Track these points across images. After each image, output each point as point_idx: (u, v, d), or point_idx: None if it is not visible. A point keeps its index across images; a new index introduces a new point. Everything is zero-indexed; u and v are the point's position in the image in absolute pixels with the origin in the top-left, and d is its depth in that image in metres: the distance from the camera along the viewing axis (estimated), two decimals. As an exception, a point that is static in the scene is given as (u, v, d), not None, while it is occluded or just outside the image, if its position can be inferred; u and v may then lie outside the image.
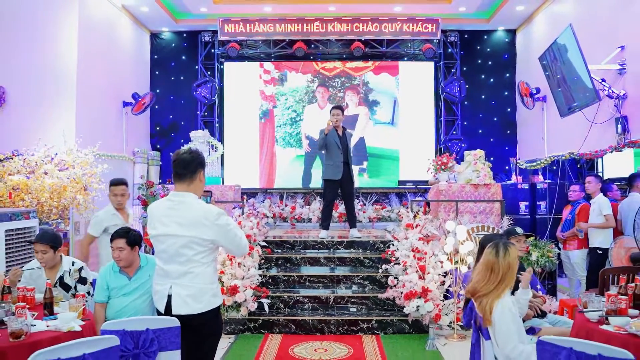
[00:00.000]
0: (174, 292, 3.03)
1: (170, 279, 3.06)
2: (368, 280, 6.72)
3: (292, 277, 6.77)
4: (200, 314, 3.03)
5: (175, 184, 3.17)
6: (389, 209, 10.52)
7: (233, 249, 3.20)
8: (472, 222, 7.45)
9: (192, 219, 3.03)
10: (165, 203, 3.17)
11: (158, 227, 3.11)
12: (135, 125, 10.44)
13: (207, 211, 3.06)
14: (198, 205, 3.10)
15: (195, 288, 3.03)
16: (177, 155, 3.19)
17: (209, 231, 3.02)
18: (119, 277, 3.96)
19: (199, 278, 3.05)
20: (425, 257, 6.26)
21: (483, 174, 7.53)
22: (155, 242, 3.15)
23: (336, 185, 7.45)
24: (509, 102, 11.29)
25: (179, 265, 3.04)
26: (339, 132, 7.33)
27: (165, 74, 11.46)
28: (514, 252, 3.22)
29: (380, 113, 11.39)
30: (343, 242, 7.44)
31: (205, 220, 3.02)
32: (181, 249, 3.03)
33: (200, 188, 3.22)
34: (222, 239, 3.09)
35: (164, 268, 3.10)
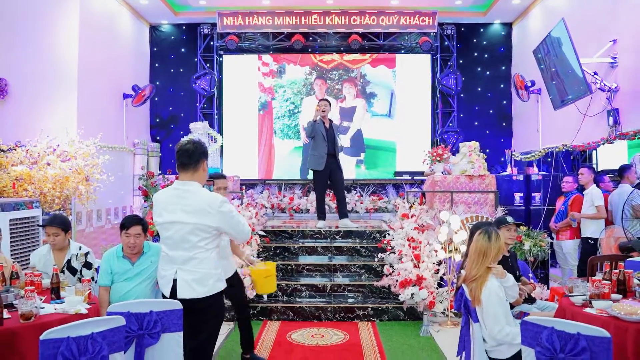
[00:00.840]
0: (179, 277, 3.15)
1: (175, 264, 3.18)
2: (364, 268, 6.86)
3: (290, 265, 6.91)
4: (204, 297, 3.16)
5: (180, 173, 3.29)
6: (385, 200, 10.65)
7: (236, 235, 3.32)
8: (467, 212, 7.58)
9: (197, 206, 3.15)
10: (171, 191, 3.29)
11: (164, 214, 3.24)
12: (135, 117, 10.53)
13: (211, 199, 3.17)
14: (202, 193, 3.22)
15: (200, 273, 3.16)
16: (180, 145, 3.32)
17: (213, 218, 3.14)
18: (123, 262, 4.07)
19: (204, 263, 3.17)
20: (420, 246, 6.39)
21: (478, 165, 7.65)
22: (161, 229, 3.28)
23: (323, 175, 7.69)
24: (505, 95, 11.39)
25: (184, 251, 3.17)
26: (325, 124, 7.60)
27: (164, 66, 11.54)
28: (502, 238, 3.37)
29: (377, 105, 11.49)
30: (340, 231, 7.57)
31: (210, 207, 3.14)
32: (186, 236, 3.15)
33: (204, 177, 3.33)
34: (226, 225, 3.20)
35: (169, 254, 3.22)
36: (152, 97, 11.14)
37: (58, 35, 8.10)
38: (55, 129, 7.61)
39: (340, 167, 7.83)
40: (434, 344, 5.38)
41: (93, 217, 8.42)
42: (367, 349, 5.21)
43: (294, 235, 7.60)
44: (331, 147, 7.59)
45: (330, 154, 7.60)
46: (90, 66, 8.52)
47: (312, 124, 7.55)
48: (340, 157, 8.08)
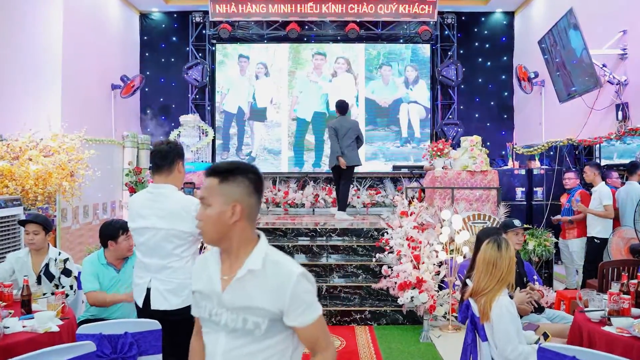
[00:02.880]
0: (152, 287, 2.97)
1: (150, 272, 3.00)
2: (361, 269, 6.59)
3: (284, 266, 6.62)
4: (179, 309, 2.95)
5: (154, 176, 3.10)
6: (383, 194, 10.35)
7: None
8: (468, 209, 7.31)
9: (171, 210, 2.96)
10: (144, 195, 3.11)
11: (137, 219, 3.05)
12: (125, 109, 10.20)
13: (186, 202, 2.98)
14: (177, 196, 3.04)
15: (175, 283, 2.96)
16: (155, 146, 3.13)
17: (188, 223, 2.91)
18: (108, 270, 3.86)
19: (179, 272, 2.97)
20: (419, 247, 6.12)
21: (480, 161, 7.37)
22: (135, 234, 3.10)
23: (336, 170, 8.05)
24: (506, 86, 11.10)
25: (159, 259, 2.97)
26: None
27: (155, 56, 11.20)
28: (512, 248, 3.10)
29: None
30: (336, 229, 7.30)
31: (184, 212, 2.93)
32: (160, 242, 2.96)
33: (180, 179, 3.15)
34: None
35: (143, 261, 3.04)
36: (142, 88, 10.82)
37: (41, 24, 7.73)
38: (38, 122, 7.27)
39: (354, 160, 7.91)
40: (434, 352, 5.12)
41: (79, 213, 8.10)
42: (365, 358, 4.95)
43: (288, 233, 7.32)
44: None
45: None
46: (76, 56, 8.17)
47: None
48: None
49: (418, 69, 11.05)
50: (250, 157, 11.05)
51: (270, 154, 11.09)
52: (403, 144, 11.02)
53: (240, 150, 11.07)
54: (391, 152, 11.02)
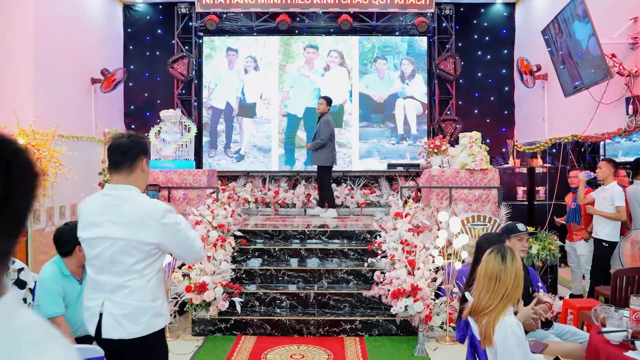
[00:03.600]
0: (105, 311, 2.48)
1: (103, 292, 2.51)
2: (352, 274, 6.17)
3: (269, 271, 6.20)
4: (137, 339, 2.48)
5: (112, 175, 2.63)
6: (378, 194, 9.96)
7: (184, 255, 2.68)
8: (467, 210, 6.90)
9: (132, 217, 2.50)
10: (99, 198, 2.63)
11: (90, 228, 2.57)
12: (107, 104, 9.74)
13: (150, 208, 2.53)
14: (139, 200, 2.57)
15: (132, 306, 2.49)
16: (113, 140, 2.65)
17: (152, 232, 2.48)
18: (72, 283, 3.45)
19: (137, 294, 2.50)
20: (415, 251, 5.70)
21: (479, 159, 6.96)
22: (85, 246, 2.60)
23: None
24: (507, 81, 10.67)
25: (114, 276, 2.50)
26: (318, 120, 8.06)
27: (139, 49, 10.74)
28: (519, 259, 2.67)
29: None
30: (327, 232, 6.88)
31: (148, 218, 2.49)
32: (117, 256, 2.48)
33: (143, 180, 2.69)
34: (170, 241, 2.55)
35: (95, 279, 2.55)
36: (126, 83, 10.39)
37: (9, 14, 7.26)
38: (7, 117, 6.82)
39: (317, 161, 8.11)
40: (430, 368, 4.70)
41: (55, 214, 7.66)
42: (353, 375, 4.53)
43: (275, 235, 6.89)
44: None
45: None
46: (50, 48, 7.70)
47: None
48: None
49: (414, 63, 10.62)
50: (239, 155, 10.61)
51: (260, 151, 10.65)
52: (399, 141, 10.59)
53: (229, 148, 10.63)
54: (386, 149, 10.59)
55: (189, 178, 7.14)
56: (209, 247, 5.91)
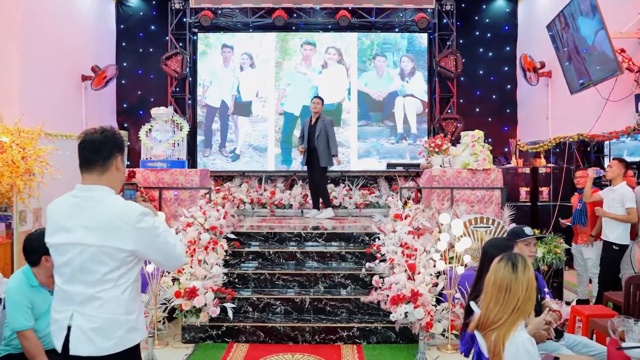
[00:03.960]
0: (74, 324, 2.25)
1: (72, 304, 2.28)
2: (350, 279, 5.93)
3: (263, 275, 5.96)
4: (108, 356, 2.26)
5: (83, 175, 2.38)
6: (377, 195, 9.73)
7: (163, 262, 2.45)
8: (469, 212, 6.67)
9: (106, 221, 2.27)
10: (68, 200, 2.38)
11: (58, 233, 2.33)
12: (98, 102, 9.50)
13: (125, 210, 2.30)
14: (113, 202, 2.34)
15: (103, 319, 2.26)
16: (85, 135, 2.40)
17: (127, 238, 2.27)
18: (41, 294, 3.23)
19: (110, 306, 2.27)
20: (415, 254, 5.46)
21: (482, 158, 6.73)
22: (54, 253, 2.36)
23: (309, 170, 8.14)
24: (509, 79, 10.44)
25: (85, 286, 2.27)
26: (312, 120, 7.95)
27: (132, 46, 10.50)
28: (531, 268, 2.43)
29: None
30: (323, 234, 6.63)
31: (123, 222, 2.27)
32: (89, 264, 2.26)
33: (118, 180, 2.46)
34: (147, 248, 2.33)
35: (64, 289, 2.31)
36: (118, 80, 10.17)
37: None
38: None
39: (319, 161, 7.89)
40: (431, 378, 4.46)
41: (42, 215, 7.41)
42: (350, 386, 4.30)
43: (270, 238, 6.65)
44: (312, 143, 7.87)
45: (311, 148, 7.90)
46: (38, 43, 7.45)
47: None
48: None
49: (414, 60, 10.40)
50: (234, 155, 10.39)
51: (256, 151, 10.43)
52: (398, 141, 10.36)
53: (224, 147, 10.40)
54: (386, 149, 10.36)
55: (180, 178, 6.90)
56: (200, 250, 5.67)
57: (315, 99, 7.95)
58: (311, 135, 7.87)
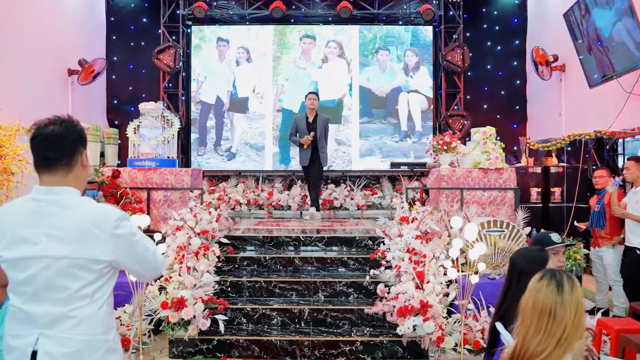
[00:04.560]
0: (41, 350, 1.88)
1: (36, 327, 1.91)
2: (352, 287, 5.50)
3: (258, 283, 5.54)
4: None
5: (42, 176, 1.99)
6: (380, 195, 9.34)
7: (143, 272, 2.15)
8: (480, 214, 6.25)
9: (78, 228, 1.93)
10: (25, 205, 1.99)
11: (16, 245, 1.94)
12: (86, 98, 9.09)
13: (100, 215, 1.97)
14: (85, 205, 1.99)
15: (80, 342, 1.91)
16: (38, 128, 1.99)
17: (104, 247, 1.95)
18: None
19: (87, 325, 1.93)
20: (424, 261, 5.05)
21: (494, 157, 6.31)
22: (10, 269, 1.97)
23: (307, 169, 7.73)
24: (519, 74, 10.02)
25: (53, 306, 1.91)
26: (309, 118, 7.60)
27: (123, 40, 10.08)
28: (579, 288, 2.00)
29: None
30: (324, 238, 6.22)
31: (98, 229, 1.94)
32: (58, 279, 1.91)
33: (84, 178, 2.09)
34: (127, 257, 2.02)
35: (25, 310, 1.93)
36: (108, 76, 9.78)
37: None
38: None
39: (321, 165, 7.64)
40: (444, 401, 4.04)
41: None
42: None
43: (266, 242, 6.23)
44: (313, 141, 7.54)
45: (312, 147, 7.58)
46: (20, 34, 7.05)
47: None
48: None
49: (419, 54, 9.98)
50: (230, 153, 9.97)
51: (253, 149, 10.01)
52: (402, 139, 9.95)
53: (219, 145, 9.99)
54: (389, 147, 9.94)
55: (170, 178, 6.48)
56: (190, 257, 5.25)
57: (312, 95, 7.65)
58: (311, 133, 7.56)
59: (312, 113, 7.60)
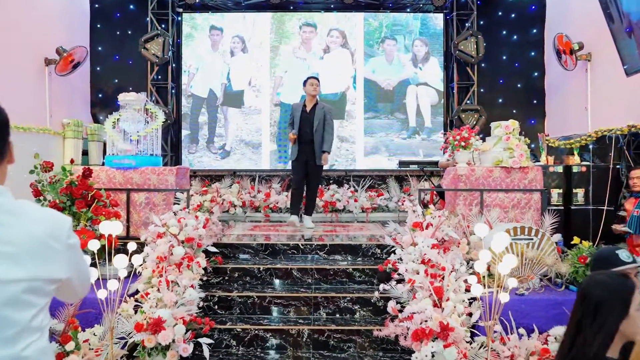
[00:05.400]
0: None
1: None
2: (359, 303, 4.85)
3: (251, 298, 4.88)
4: None
5: None
6: (386, 197, 8.70)
7: (79, 289, 1.78)
8: (503, 219, 5.59)
9: (31, 241, 1.53)
10: None
11: None
12: (67, 91, 8.42)
13: (54, 222, 1.61)
14: (32, 210, 1.59)
15: None
16: None
17: (62, 261, 1.60)
18: None
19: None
20: (443, 275, 4.38)
21: (519, 154, 5.65)
22: None
23: (299, 166, 6.87)
24: (537, 65, 9.32)
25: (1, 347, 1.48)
26: (307, 106, 6.82)
27: (109, 28, 9.42)
28: None
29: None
30: (325, 245, 5.55)
31: (56, 240, 1.58)
32: (7, 311, 1.47)
33: (5, 176, 1.64)
34: (75, 272, 1.68)
35: None
36: (92, 67, 9.14)
37: None
38: None
39: (315, 158, 6.80)
40: None
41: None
42: None
43: (260, 250, 5.57)
44: (307, 134, 6.74)
45: (306, 141, 6.76)
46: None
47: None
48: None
49: (429, 44, 9.32)
50: (224, 151, 9.31)
51: (249, 147, 9.35)
52: (410, 136, 9.28)
53: (212, 143, 9.33)
54: (396, 145, 9.28)
55: (152, 178, 5.80)
56: (172, 269, 4.58)
57: (313, 80, 6.81)
58: (306, 124, 6.74)
59: (312, 101, 6.81)
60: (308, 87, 6.77)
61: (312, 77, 6.85)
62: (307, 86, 6.78)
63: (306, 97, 6.85)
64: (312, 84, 6.76)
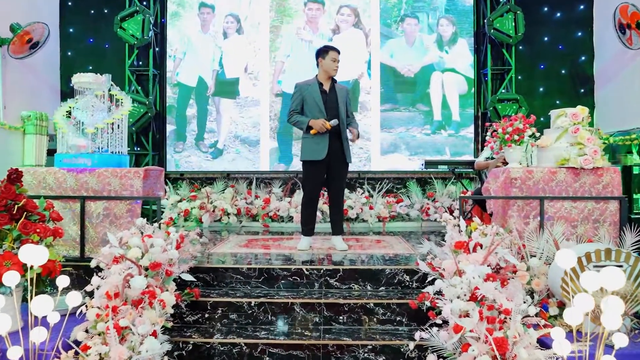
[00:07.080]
0: None
1: None
2: (384, 354, 3.61)
3: (237, 347, 3.64)
4: None
5: None
6: (407, 203, 7.56)
7: None
8: (570, 236, 4.34)
9: None
10: None
11: None
12: (27, 78, 7.32)
13: None
14: None
15: None
16: None
17: None
18: None
19: None
20: (507, 321, 3.14)
21: (592, 151, 4.40)
22: None
23: (319, 169, 5.12)
24: (584, 48, 8.20)
25: None
26: (325, 85, 5.22)
27: (82, 6, 8.40)
28: None
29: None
30: (338, 271, 4.32)
31: None
32: None
33: None
34: None
35: None
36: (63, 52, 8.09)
37: None
38: None
39: (346, 159, 5.20)
40: None
41: None
42: None
43: (253, 276, 4.34)
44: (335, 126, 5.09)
45: (334, 132, 5.11)
46: None
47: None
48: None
49: (456, 23, 8.21)
50: (216, 150, 8.20)
51: (245, 144, 8.28)
52: (435, 131, 8.13)
53: (202, 140, 8.24)
54: (418, 141, 8.14)
55: (114, 182, 4.59)
56: (126, 310, 3.36)
57: (335, 53, 5.15)
58: (332, 110, 5.12)
59: (329, 80, 5.23)
60: (328, 62, 5.13)
61: (334, 49, 5.20)
62: (328, 60, 5.13)
63: (320, 74, 5.26)
64: (334, 58, 5.14)
